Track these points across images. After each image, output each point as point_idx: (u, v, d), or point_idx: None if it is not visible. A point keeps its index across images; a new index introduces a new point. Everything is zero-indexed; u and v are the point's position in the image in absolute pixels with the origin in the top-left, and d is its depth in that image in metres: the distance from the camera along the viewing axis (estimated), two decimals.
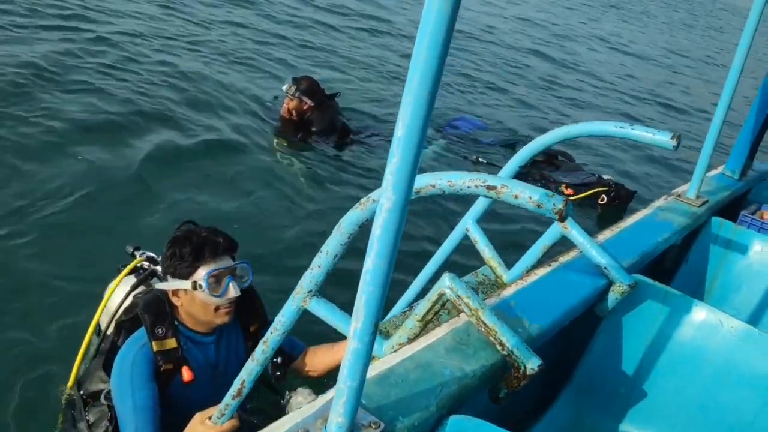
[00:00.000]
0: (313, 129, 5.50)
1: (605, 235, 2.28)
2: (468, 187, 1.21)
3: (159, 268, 2.43)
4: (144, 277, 2.41)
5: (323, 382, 2.53)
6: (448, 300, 1.52)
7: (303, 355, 2.49)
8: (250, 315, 2.33)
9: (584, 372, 2.04)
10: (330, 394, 1.22)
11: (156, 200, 4.30)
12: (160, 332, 2.12)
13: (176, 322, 2.19)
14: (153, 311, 2.15)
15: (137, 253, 2.53)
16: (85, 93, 5.47)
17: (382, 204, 0.94)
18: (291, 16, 9.94)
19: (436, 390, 1.30)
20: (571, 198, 5.60)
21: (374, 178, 5.34)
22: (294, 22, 9.65)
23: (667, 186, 6.72)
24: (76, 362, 2.41)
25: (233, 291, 2.13)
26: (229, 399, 1.65)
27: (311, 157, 5.47)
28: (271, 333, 1.43)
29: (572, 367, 2.07)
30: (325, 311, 1.44)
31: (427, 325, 1.58)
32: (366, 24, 10.76)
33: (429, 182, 1.24)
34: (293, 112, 5.48)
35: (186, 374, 2.15)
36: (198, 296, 2.11)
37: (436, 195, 1.27)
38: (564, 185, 5.67)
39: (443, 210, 4.97)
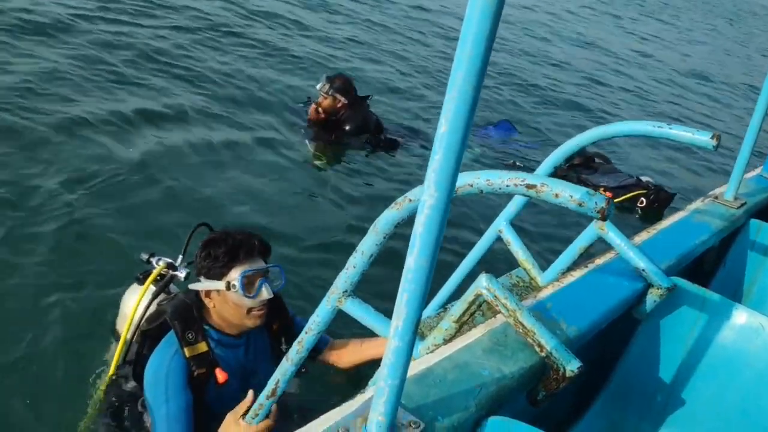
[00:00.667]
0: (346, 128, 5.48)
1: (642, 237, 2.25)
2: (507, 186, 1.20)
3: (179, 273, 2.46)
4: (164, 284, 2.43)
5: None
6: (484, 301, 1.51)
7: (328, 348, 2.51)
8: (273, 314, 2.35)
9: (621, 376, 2.00)
10: (368, 393, 1.22)
11: (180, 199, 4.31)
12: (191, 337, 2.15)
13: (206, 326, 2.22)
14: (182, 317, 2.17)
15: (153, 260, 2.52)
16: (119, 88, 5.54)
17: (425, 201, 0.93)
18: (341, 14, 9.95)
19: (475, 391, 1.29)
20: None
21: (407, 177, 5.33)
22: (338, 20, 9.68)
23: (706, 188, 6.64)
24: (109, 374, 2.42)
25: (266, 293, 2.15)
26: (263, 399, 1.66)
27: (344, 157, 5.46)
28: (306, 333, 1.43)
29: (609, 371, 2.04)
30: (360, 311, 1.43)
31: (462, 326, 1.57)
32: (410, 23, 10.76)
33: (467, 181, 1.23)
34: (324, 110, 5.47)
35: (220, 376, 2.18)
36: (231, 297, 2.14)
37: (474, 194, 1.26)
38: (602, 188, 5.61)
39: (475, 211, 4.94)
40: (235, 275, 2.12)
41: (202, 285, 2.18)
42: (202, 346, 2.16)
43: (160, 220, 4.03)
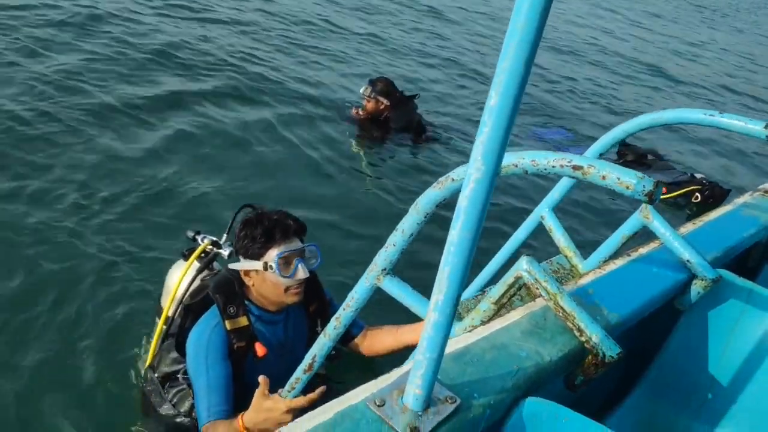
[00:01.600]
0: (391, 126, 5.64)
1: (687, 228, 2.20)
2: (552, 167, 1.18)
3: (222, 251, 2.51)
4: (208, 260, 2.49)
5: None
6: (524, 284, 1.50)
7: (362, 334, 2.53)
8: (310, 295, 2.39)
9: (661, 367, 1.97)
10: (406, 366, 1.22)
11: (226, 187, 4.42)
12: (232, 311, 2.20)
13: (246, 302, 2.26)
14: (224, 291, 2.23)
15: (198, 237, 2.59)
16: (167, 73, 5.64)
17: (471, 174, 0.93)
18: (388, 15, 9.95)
19: (513, 371, 1.28)
20: (666, 196, 5.54)
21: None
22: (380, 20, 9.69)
23: (758, 182, 6.51)
24: (152, 347, 2.49)
25: (302, 272, 2.18)
26: (300, 373, 1.68)
27: (386, 153, 5.57)
28: (344, 309, 1.44)
29: (649, 361, 2.01)
30: (398, 289, 1.44)
31: (501, 308, 1.56)
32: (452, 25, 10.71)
33: (512, 161, 1.22)
34: (368, 113, 5.64)
35: (260, 350, 2.22)
36: (269, 277, 2.17)
37: (518, 174, 1.25)
38: None
39: (518, 196, 4.91)
40: (272, 255, 2.15)
41: (242, 265, 2.23)
42: (243, 320, 2.20)
43: (208, 203, 4.15)
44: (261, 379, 1.96)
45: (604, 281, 1.75)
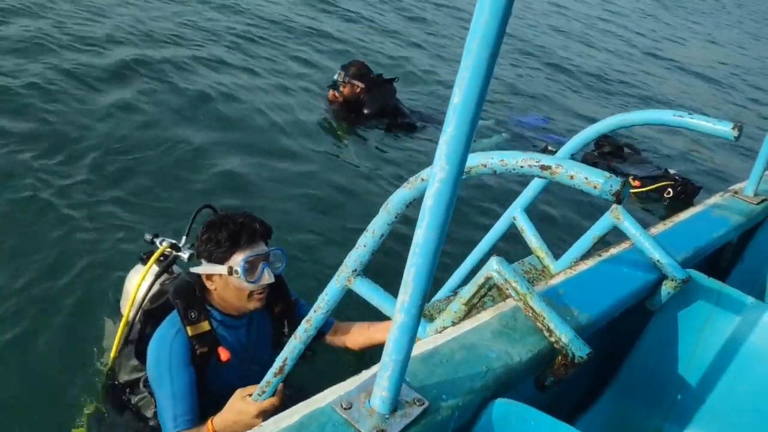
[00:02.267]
0: (365, 111, 5.70)
1: (658, 228, 2.21)
2: (521, 167, 1.18)
3: (182, 254, 2.45)
4: (168, 264, 2.43)
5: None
6: (495, 284, 1.49)
7: (333, 330, 2.50)
8: (275, 296, 2.35)
9: (631, 368, 1.98)
10: (374, 369, 1.21)
11: (189, 176, 4.35)
12: (193, 316, 2.15)
13: (208, 306, 2.22)
14: (185, 296, 2.17)
15: (157, 241, 2.53)
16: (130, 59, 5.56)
17: (435, 174, 0.92)
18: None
19: (482, 372, 1.27)
20: (638, 190, 5.70)
21: (421, 159, 5.43)
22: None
23: (728, 182, 6.64)
24: (112, 353, 2.43)
25: (268, 277, 2.15)
26: (271, 376, 1.66)
27: (360, 138, 5.61)
28: (315, 311, 1.42)
29: (619, 362, 2.01)
30: (369, 291, 1.43)
31: (471, 309, 1.55)
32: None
33: (480, 161, 1.21)
34: (346, 98, 5.71)
35: (223, 354, 2.18)
36: (232, 281, 2.13)
37: (487, 174, 1.24)
38: (631, 177, 5.74)
39: (489, 198, 4.93)
40: (237, 260, 2.11)
41: (204, 268, 2.17)
42: (205, 325, 2.16)
43: (167, 199, 4.06)
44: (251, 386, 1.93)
45: (575, 282, 1.75)
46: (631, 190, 5.64)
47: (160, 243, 2.49)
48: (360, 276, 1.37)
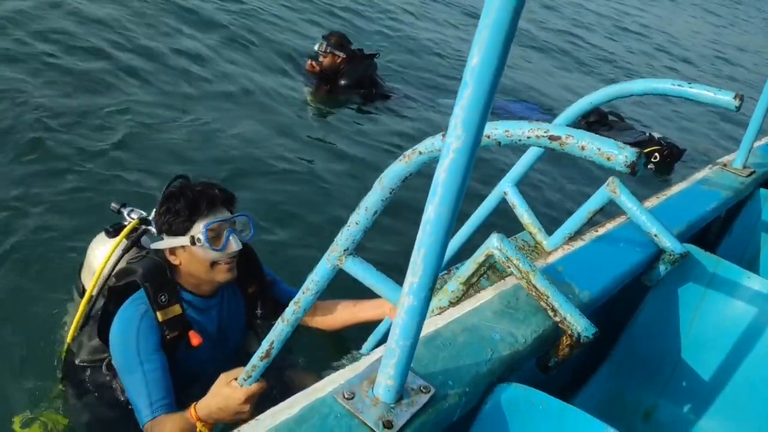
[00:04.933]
0: (342, 82, 5.65)
1: (651, 202, 2.17)
2: (528, 137, 1.10)
3: (152, 228, 2.28)
4: (136, 238, 2.27)
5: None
6: (495, 262, 1.43)
7: (313, 308, 2.41)
8: (247, 275, 2.25)
9: (627, 344, 1.94)
10: (376, 354, 1.14)
11: (166, 151, 4.20)
12: (164, 299, 2.03)
13: (180, 288, 2.11)
14: (154, 279, 2.04)
15: (124, 211, 2.37)
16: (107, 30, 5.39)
17: (450, 144, 0.84)
18: None
19: (486, 355, 1.21)
20: None
21: (396, 132, 5.38)
22: None
23: (712, 146, 6.72)
24: (71, 330, 2.27)
25: (234, 244, 2.03)
26: (257, 360, 1.57)
27: (337, 109, 5.55)
28: (303, 293, 1.33)
29: (613, 338, 1.97)
30: (362, 271, 1.34)
31: (469, 289, 1.49)
32: None
33: (483, 132, 1.13)
34: (326, 68, 5.66)
35: (194, 339, 2.08)
36: (197, 252, 2.02)
37: (491, 146, 1.16)
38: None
39: (478, 172, 4.88)
40: (199, 228, 1.99)
41: (166, 243, 2.05)
42: (176, 309, 2.04)
43: (138, 167, 3.89)
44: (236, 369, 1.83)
45: (573, 258, 1.70)
46: None
47: (128, 214, 2.33)
48: (352, 255, 1.29)
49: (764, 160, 2.86)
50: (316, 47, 5.67)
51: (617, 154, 1.00)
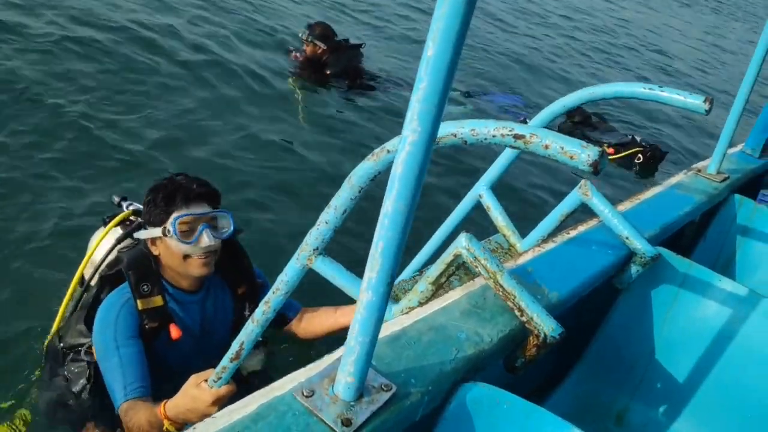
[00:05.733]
0: (327, 72, 5.76)
1: (625, 205, 2.18)
2: (493, 136, 1.10)
3: None
4: (131, 229, 2.28)
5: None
6: (463, 262, 1.42)
7: (299, 317, 2.41)
8: (237, 275, 2.25)
9: (599, 347, 1.94)
10: (336, 353, 1.12)
11: (149, 143, 4.21)
12: (146, 289, 2.05)
13: (163, 280, 2.11)
14: (138, 268, 2.07)
15: (124, 204, 2.42)
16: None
17: (407, 137, 0.83)
18: None
19: (451, 354, 1.20)
20: (613, 157, 5.87)
21: (380, 123, 5.44)
22: None
23: (693, 150, 6.78)
24: (59, 315, 2.31)
25: (206, 239, 2.03)
26: (227, 362, 1.55)
27: (320, 99, 5.64)
28: (273, 293, 1.32)
29: (586, 341, 1.97)
30: (331, 270, 1.34)
31: (439, 289, 1.48)
32: None
33: (450, 131, 1.13)
34: (308, 57, 5.80)
35: (174, 331, 2.08)
36: (171, 244, 2.03)
37: (457, 145, 1.16)
38: (606, 144, 5.90)
39: (453, 175, 4.88)
40: (170, 220, 2.01)
41: (146, 233, 2.08)
42: (158, 300, 2.05)
43: (139, 164, 3.92)
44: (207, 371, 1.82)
45: (543, 259, 1.70)
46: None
47: (128, 207, 2.38)
48: (321, 255, 1.28)
49: (738, 166, 2.88)
50: (299, 34, 5.81)
51: (580, 153, 1.00)
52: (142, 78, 4.89)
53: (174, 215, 2.01)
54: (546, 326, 1.34)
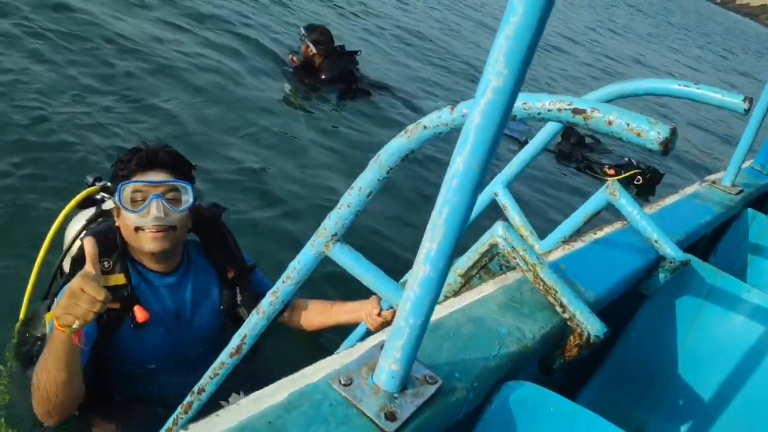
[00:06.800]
0: (322, 76, 5.78)
1: (646, 211, 2.08)
2: (548, 110, 0.98)
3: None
4: (99, 207, 2.14)
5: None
6: (498, 252, 1.31)
7: (291, 307, 2.28)
8: (224, 259, 2.11)
9: (620, 355, 1.84)
10: (371, 341, 1.00)
11: (147, 121, 4.21)
12: (107, 265, 1.87)
13: (134, 260, 1.95)
14: (100, 242, 1.82)
15: (98, 184, 2.24)
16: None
17: (489, 81, 0.72)
18: None
19: (494, 349, 1.08)
20: (615, 178, 5.81)
21: (374, 126, 5.43)
22: None
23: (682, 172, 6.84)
24: (24, 301, 2.16)
25: (155, 210, 1.86)
26: (226, 357, 1.41)
27: (314, 102, 5.65)
28: (283, 282, 1.19)
29: (604, 350, 1.87)
30: (350, 259, 1.20)
31: (468, 282, 1.37)
32: None
33: None
34: (300, 57, 5.88)
35: (139, 314, 1.88)
36: (124, 215, 1.89)
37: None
38: (607, 166, 5.88)
39: None
40: (119, 186, 1.88)
41: (108, 203, 1.99)
42: (119, 278, 1.87)
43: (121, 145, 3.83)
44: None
45: (573, 258, 1.59)
46: (608, 179, 5.74)
47: (94, 183, 2.22)
48: (340, 242, 1.15)
49: (749, 180, 2.82)
50: (299, 33, 5.88)
51: (648, 130, 0.89)
52: (134, 83, 4.80)
53: (124, 182, 1.87)
54: (589, 324, 1.23)
